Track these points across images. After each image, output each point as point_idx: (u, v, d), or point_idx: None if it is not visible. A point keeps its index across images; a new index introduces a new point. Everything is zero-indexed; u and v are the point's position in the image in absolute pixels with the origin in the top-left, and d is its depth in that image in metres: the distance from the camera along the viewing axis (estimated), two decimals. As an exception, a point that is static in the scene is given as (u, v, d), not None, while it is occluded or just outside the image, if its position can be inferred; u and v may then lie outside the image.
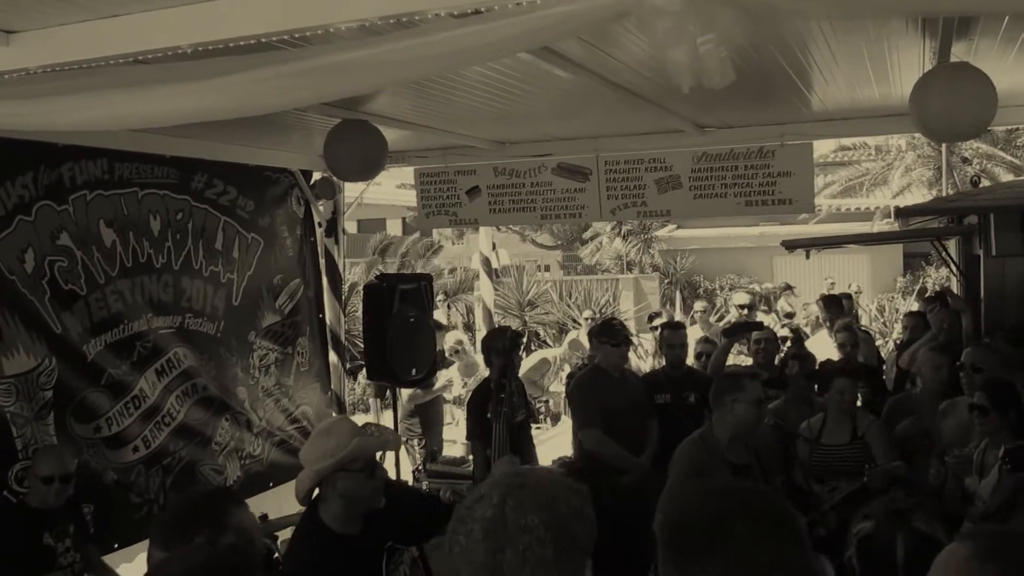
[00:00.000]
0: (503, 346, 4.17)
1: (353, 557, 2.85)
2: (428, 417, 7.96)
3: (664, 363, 6.45)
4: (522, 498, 1.38)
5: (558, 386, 12.07)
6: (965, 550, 1.48)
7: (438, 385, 8.06)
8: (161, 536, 2.26)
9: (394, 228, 28.26)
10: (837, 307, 8.16)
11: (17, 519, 4.23)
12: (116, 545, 5.11)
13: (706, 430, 4.24)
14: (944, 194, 15.43)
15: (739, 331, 6.56)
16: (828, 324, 7.95)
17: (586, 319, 11.35)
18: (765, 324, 7.66)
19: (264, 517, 5.05)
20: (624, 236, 20.61)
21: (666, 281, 20.15)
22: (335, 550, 2.85)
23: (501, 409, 3.89)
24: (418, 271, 15.72)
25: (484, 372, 7.55)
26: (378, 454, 3.09)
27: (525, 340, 6.18)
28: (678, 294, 16.61)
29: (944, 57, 4.15)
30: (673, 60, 2.31)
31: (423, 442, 7.67)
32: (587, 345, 8.26)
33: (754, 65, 4.18)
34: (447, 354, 9.29)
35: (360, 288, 13.32)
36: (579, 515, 1.40)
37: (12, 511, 4.31)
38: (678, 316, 11.69)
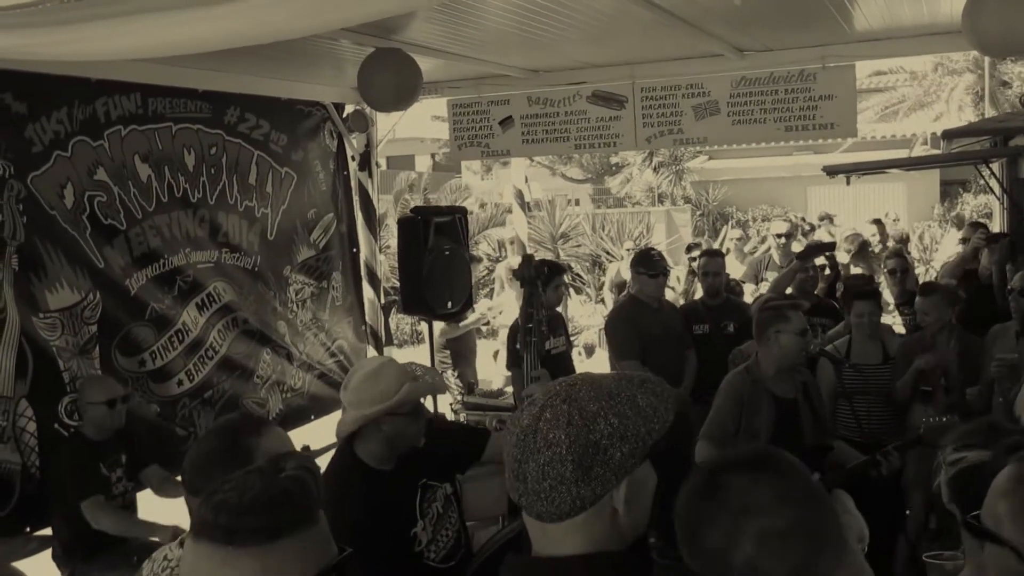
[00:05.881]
0: (527, 275, 4.09)
1: (387, 493, 2.82)
2: (460, 350, 7.97)
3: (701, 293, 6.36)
4: (559, 413, 1.37)
5: (592, 318, 12.04)
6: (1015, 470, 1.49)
7: (471, 319, 8.03)
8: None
9: (422, 165, 28.07)
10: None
11: (76, 449, 4.35)
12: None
13: (752, 363, 4.19)
14: (987, 117, 15.00)
15: (813, 253, 6.33)
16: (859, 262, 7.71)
17: (627, 251, 11.16)
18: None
19: (306, 448, 5.12)
20: (655, 168, 20.29)
21: (698, 213, 19.88)
22: (370, 485, 2.81)
23: (530, 339, 3.83)
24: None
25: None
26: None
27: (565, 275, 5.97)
28: (726, 227, 16.31)
29: (1000, -33, 3.97)
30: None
31: (456, 373, 7.69)
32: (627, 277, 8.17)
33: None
34: (502, 281, 9.29)
35: (389, 222, 13.33)
36: (620, 434, 1.36)
37: (71, 441, 4.43)
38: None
